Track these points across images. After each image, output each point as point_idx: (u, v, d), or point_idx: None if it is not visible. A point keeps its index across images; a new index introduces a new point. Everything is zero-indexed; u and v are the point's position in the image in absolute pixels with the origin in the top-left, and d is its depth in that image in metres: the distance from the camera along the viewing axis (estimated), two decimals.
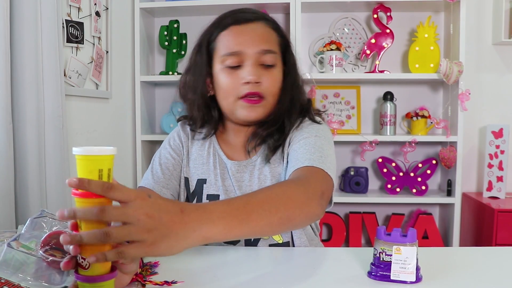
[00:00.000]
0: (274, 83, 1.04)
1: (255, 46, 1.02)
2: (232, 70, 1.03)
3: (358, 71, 2.40)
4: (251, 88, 1.01)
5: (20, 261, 0.76)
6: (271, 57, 1.03)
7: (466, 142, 2.25)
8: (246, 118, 1.05)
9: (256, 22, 1.05)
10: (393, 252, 0.75)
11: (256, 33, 1.04)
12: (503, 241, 1.94)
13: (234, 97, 1.04)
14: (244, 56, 1.02)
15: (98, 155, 0.65)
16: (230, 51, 1.03)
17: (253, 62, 1.02)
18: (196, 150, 1.13)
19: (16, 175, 1.40)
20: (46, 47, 1.48)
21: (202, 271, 0.83)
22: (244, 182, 1.07)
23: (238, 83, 1.02)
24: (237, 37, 1.03)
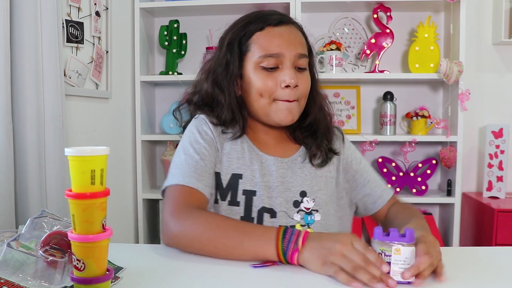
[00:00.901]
0: (308, 85, 1.09)
1: (294, 49, 1.04)
2: (269, 71, 1.04)
3: (358, 71, 2.40)
4: (290, 92, 1.04)
5: (19, 261, 0.76)
6: (305, 61, 1.07)
7: (466, 142, 2.25)
8: (281, 121, 1.06)
9: (290, 25, 1.08)
10: (392, 252, 0.75)
11: (293, 36, 1.06)
12: (503, 241, 1.94)
13: (270, 99, 1.05)
14: (283, 59, 1.03)
15: (90, 155, 0.65)
16: (269, 52, 1.03)
17: (291, 65, 1.04)
18: (229, 145, 1.09)
19: (16, 175, 1.40)
20: (46, 47, 1.48)
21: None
22: (286, 178, 1.08)
23: (276, 85, 1.04)
24: (276, 38, 1.04)
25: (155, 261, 0.90)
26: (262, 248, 0.83)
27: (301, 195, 1.07)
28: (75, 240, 0.66)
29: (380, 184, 1.17)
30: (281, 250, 0.81)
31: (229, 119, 1.08)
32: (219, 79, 1.08)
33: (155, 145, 2.53)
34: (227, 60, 1.07)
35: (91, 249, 0.66)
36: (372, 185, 1.16)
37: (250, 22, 1.06)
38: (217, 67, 1.09)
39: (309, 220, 1.06)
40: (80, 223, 0.66)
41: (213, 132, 1.09)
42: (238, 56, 1.06)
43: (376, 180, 1.17)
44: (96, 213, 0.66)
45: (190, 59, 2.44)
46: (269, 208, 1.05)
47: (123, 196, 2.31)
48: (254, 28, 1.05)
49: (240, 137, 1.10)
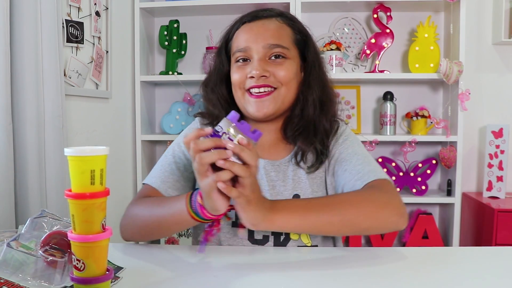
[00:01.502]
0: (286, 73, 1.03)
1: (262, 41, 1.02)
2: (241, 65, 1.05)
3: (358, 71, 2.40)
4: (256, 82, 1.01)
5: (19, 261, 0.76)
6: (281, 51, 1.03)
7: (466, 142, 2.25)
8: (255, 114, 1.04)
9: (269, 19, 1.06)
10: (236, 140, 0.75)
11: (265, 28, 1.04)
12: (503, 241, 1.94)
13: (242, 91, 1.05)
14: (252, 51, 1.03)
15: (90, 155, 0.65)
16: (238, 48, 1.05)
17: (260, 57, 1.02)
18: None
19: (16, 175, 1.40)
20: (46, 47, 1.48)
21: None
22: (277, 182, 1.06)
23: (244, 78, 1.03)
24: (247, 33, 1.05)
25: (155, 261, 0.90)
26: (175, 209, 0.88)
27: (293, 198, 1.04)
28: (75, 240, 0.66)
29: (359, 172, 0.99)
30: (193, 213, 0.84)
31: (218, 116, 1.09)
32: (212, 80, 1.11)
33: (155, 145, 2.53)
34: (216, 61, 1.11)
35: (91, 249, 0.66)
36: (347, 175, 1.00)
37: (236, 22, 1.09)
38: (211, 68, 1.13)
39: None
40: (80, 223, 0.66)
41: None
42: (225, 56, 1.10)
43: (354, 169, 1.00)
44: (96, 213, 0.66)
45: (190, 59, 2.44)
46: None
47: (123, 196, 2.31)
48: (235, 28, 1.08)
49: None
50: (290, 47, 1.04)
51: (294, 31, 1.07)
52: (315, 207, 0.86)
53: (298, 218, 0.84)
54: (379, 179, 0.97)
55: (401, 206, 0.92)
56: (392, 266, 0.86)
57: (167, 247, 0.97)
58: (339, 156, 1.05)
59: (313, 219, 0.85)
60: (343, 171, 1.03)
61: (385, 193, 0.93)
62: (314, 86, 1.06)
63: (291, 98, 1.06)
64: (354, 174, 0.99)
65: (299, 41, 1.07)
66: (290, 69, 1.04)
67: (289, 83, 1.04)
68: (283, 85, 1.03)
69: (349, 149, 1.06)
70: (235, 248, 1.01)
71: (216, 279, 0.79)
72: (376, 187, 0.95)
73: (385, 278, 0.80)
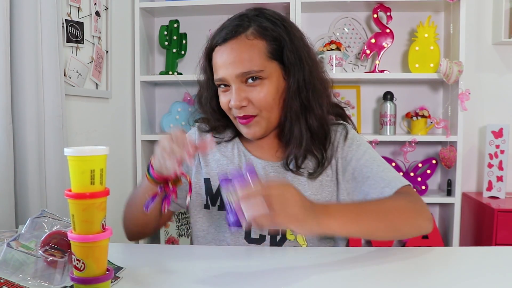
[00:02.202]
0: (264, 96, 1.01)
1: (235, 70, 1.00)
2: (224, 90, 1.04)
3: (358, 71, 2.40)
4: (238, 113, 1.02)
5: (19, 261, 0.76)
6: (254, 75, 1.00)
7: (466, 142, 2.25)
8: (247, 136, 1.06)
9: (239, 38, 1.01)
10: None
11: (235, 53, 1.00)
12: (503, 241, 1.94)
13: (231, 116, 1.06)
14: (228, 81, 1.02)
15: (89, 155, 0.65)
16: (217, 77, 1.04)
17: (237, 86, 1.01)
18: (219, 151, 1.13)
19: (16, 175, 1.40)
20: (46, 47, 1.48)
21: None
22: None
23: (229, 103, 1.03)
24: (219, 60, 1.02)
25: (155, 261, 0.90)
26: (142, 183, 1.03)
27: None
28: (74, 240, 0.66)
29: (383, 179, 1.01)
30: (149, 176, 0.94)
31: (217, 126, 1.12)
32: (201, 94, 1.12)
33: (155, 145, 2.52)
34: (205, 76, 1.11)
35: (91, 249, 0.66)
36: (371, 182, 1.02)
37: (213, 37, 1.06)
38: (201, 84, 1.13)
39: None
40: (80, 223, 0.66)
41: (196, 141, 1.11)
42: (210, 72, 1.08)
43: (378, 176, 1.02)
44: (95, 213, 0.66)
45: (190, 59, 2.44)
46: None
47: (123, 196, 2.31)
48: (211, 46, 1.05)
49: (232, 141, 1.13)
50: (264, 66, 1.00)
51: (268, 42, 1.02)
52: (366, 213, 0.87)
53: (351, 223, 0.84)
54: (404, 185, 1.01)
55: (429, 211, 0.98)
56: (392, 266, 0.86)
57: (167, 247, 0.97)
58: (357, 163, 1.05)
59: (365, 224, 0.87)
60: (366, 178, 1.03)
61: (416, 200, 0.98)
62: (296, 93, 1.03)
63: (277, 114, 1.04)
64: (379, 181, 1.01)
65: (276, 51, 1.02)
66: (267, 91, 1.01)
67: (269, 106, 1.02)
68: (263, 110, 1.02)
69: (366, 155, 1.06)
70: (234, 248, 1.01)
71: (215, 279, 0.79)
72: (406, 194, 0.99)
73: (385, 278, 0.80)
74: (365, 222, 0.86)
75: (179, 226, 2.37)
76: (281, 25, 1.05)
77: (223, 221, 1.07)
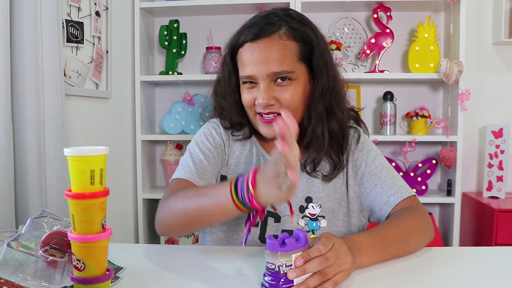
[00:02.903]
0: (292, 97, 1.02)
1: (266, 69, 1.00)
2: (249, 87, 1.04)
3: (358, 71, 2.40)
4: (263, 109, 1.02)
5: (20, 261, 0.76)
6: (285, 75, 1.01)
7: (466, 142, 2.25)
8: (266, 135, 1.06)
9: (271, 37, 1.01)
10: (292, 261, 0.69)
11: (268, 52, 1.00)
12: (503, 241, 1.94)
13: (252, 112, 1.05)
14: (257, 79, 1.02)
15: (89, 155, 0.65)
16: (244, 74, 1.03)
17: (266, 85, 1.01)
18: (238, 149, 1.13)
19: (16, 175, 1.40)
20: (46, 47, 1.48)
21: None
22: None
23: (253, 101, 1.03)
24: (250, 57, 1.01)
25: (155, 261, 0.90)
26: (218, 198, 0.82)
27: (306, 200, 1.07)
28: (74, 240, 0.66)
29: (391, 187, 1.04)
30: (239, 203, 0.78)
31: (236, 123, 1.11)
32: (222, 88, 1.11)
33: (155, 145, 2.52)
34: (223, 71, 1.10)
35: (91, 249, 0.66)
36: (379, 190, 1.05)
37: (240, 33, 1.05)
38: (220, 76, 1.13)
39: (314, 226, 1.06)
40: (80, 223, 0.66)
41: (222, 135, 1.13)
42: (233, 68, 1.08)
43: (386, 184, 1.05)
44: (95, 213, 0.66)
45: (190, 59, 2.44)
46: (273, 212, 1.05)
47: (123, 196, 2.31)
48: (239, 42, 1.04)
49: (249, 139, 1.13)
50: (295, 67, 1.02)
51: (299, 44, 1.02)
52: (388, 242, 0.89)
53: (378, 255, 0.87)
54: (410, 195, 1.05)
55: (431, 221, 1.03)
56: (392, 266, 0.86)
57: (167, 247, 0.97)
58: (366, 168, 1.07)
59: (388, 254, 0.89)
60: (374, 185, 1.06)
61: (423, 214, 1.02)
62: (321, 96, 1.05)
63: (300, 116, 1.05)
64: (386, 190, 1.04)
65: (306, 53, 1.03)
66: (295, 92, 1.02)
67: (295, 107, 1.03)
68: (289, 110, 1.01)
69: (376, 162, 1.08)
70: (235, 248, 1.01)
71: (216, 279, 0.79)
72: (412, 208, 1.02)
73: (385, 278, 0.80)
74: (389, 252, 0.89)
75: None
76: (310, 27, 1.06)
77: (239, 220, 1.06)
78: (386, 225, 0.96)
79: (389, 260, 0.89)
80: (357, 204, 1.09)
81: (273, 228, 1.06)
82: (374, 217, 1.09)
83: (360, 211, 1.10)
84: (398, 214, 1.00)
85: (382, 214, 1.05)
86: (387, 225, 0.95)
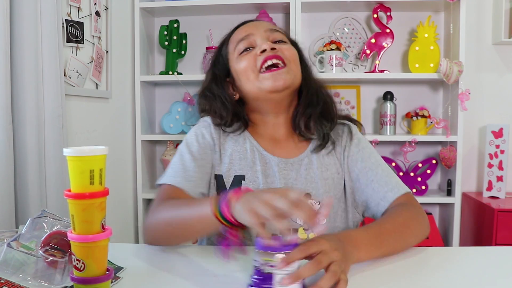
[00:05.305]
0: (292, 52, 1.08)
1: (262, 27, 1.09)
2: (246, 52, 1.08)
3: (358, 71, 2.40)
4: (268, 54, 1.04)
5: (20, 261, 0.76)
6: (281, 36, 1.10)
7: (466, 142, 2.25)
8: (273, 87, 1.04)
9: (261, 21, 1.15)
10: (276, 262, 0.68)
11: (259, 22, 1.13)
12: (503, 241, 1.94)
13: (255, 73, 1.06)
14: (254, 37, 1.07)
15: (89, 155, 0.65)
16: (239, 38, 1.09)
17: (264, 38, 1.07)
18: (230, 146, 1.10)
19: (16, 175, 1.40)
20: (46, 47, 1.48)
21: None
22: (290, 180, 1.07)
23: (254, 59, 1.06)
24: (244, 27, 1.11)
25: (155, 261, 0.90)
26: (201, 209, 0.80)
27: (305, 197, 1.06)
28: (74, 240, 0.66)
29: (387, 183, 1.05)
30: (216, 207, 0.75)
31: (229, 118, 1.11)
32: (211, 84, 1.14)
33: (155, 145, 2.53)
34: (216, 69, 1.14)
35: (90, 249, 0.66)
36: (376, 185, 1.05)
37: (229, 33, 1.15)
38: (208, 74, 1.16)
39: None
40: (80, 223, 0.66)
41: (212, 134, 1.12)
42: (222, 62, 1.13)
43: (382, 180, 1.06)
44: (95, 213, 0.66)
45: (190, 59, 2.44)
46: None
47: (123, 196, 2.31)
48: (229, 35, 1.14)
49: (242, 134, 1.12)
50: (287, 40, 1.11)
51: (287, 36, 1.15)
52: (384, 236, 0.90)
53: (375, 250, 0.86)
54: (406, 192, 1.06)
55: (427, 217, 1.03)
56: (392, 266, 0.86)
57: (167, 247, 0.97)
58: (362, 164, 1.09)
59: (386, 248, 0.89)
60: (370, 181, 1.06)
61: (419, 210, 1.03)
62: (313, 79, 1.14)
63: (300, 77, 1.10)
64: (383, 185, 1.05)
65: (292, 43, 1.14)
66: (292, 49, 1.09)
67: (296, 60, 1.09)
68: (292, 62, 1.07)
69: (371, 158, 1.10)
70: None
71: (216, 279, 0.79)
72: (409, 204, 1.03)
73: (385, 278, 0.80)
74: (386, 246, 0.89)
75: None
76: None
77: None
78: (382, 220, 0.97)
79: (387, 254, 0.89)
80: (351, 200, 1.10)
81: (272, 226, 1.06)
82: (369, 212, 1.09)
83: (355, 207, 1.11)
84: (393, 209, 1.01)
85: (379, 210, 1.05)
86: (383, 221, 0.97)
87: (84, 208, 0.65)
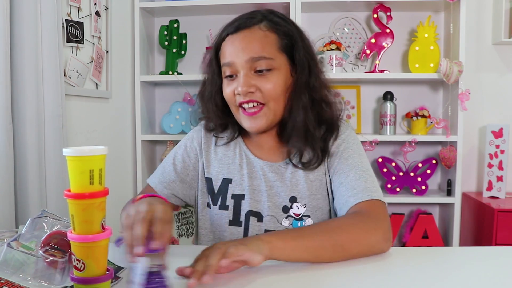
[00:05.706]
0: (273, 86, 1.01)
1: (245, 55, 1.00)
2: (230, 81, 1.04)
3: (358, 71, 2.40)
4: (243, 98, 1.01)
5: (20, 261, 0.76)
6: (265, 63, 1.00)
7: (466, 142, 2.25)
8: (249, 129, 1.05)
9: (252, 28, 1.03)
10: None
11: (247, 41, 1.01)
12: (503, 241, 1.94)
13: (235, 107, 1.05)
14: (236, 66, 1.02)
15: (88, 155, 0.65)
16: (224, 61, 1.04)
17: (245, 72, 1.01)
18: (221, 150, 1.13)
19: (16, 175, 1.40)
20: (46, 47, 1.48)
21: None
22: (275, 183, 1.07)
23: (233, 94, 1.03)
24: (230, 46, 1.03)
25: None
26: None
27: (290, 200, 1.06)
28: (74, 240, 0.66)
29: (354, 188, 0.99)
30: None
31: (219, 124, 1.12)
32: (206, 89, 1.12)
33: (155, 145, 2.52)
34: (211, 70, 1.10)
35: (90, 249, 0.66)
36: (343, 189, 1.01)
37: (223, 30, 1.07)
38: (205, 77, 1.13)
39: (298, 225, 1.05)
40: (80, 223, 0.66)
41: (202, 139, 1.14)
42: (216, 67, 1.08)
43: (350, 184, 1.00)
44: (95, 213, 0.66)
45: (190, 59, 2.44)
46: (256, 211, 1.07)
47: (123, 196, 2.31)
48: (222, 37, 1.06)
49: (234, 140, 1.13)
50: (275, 56, 1.02)
51: (280, 37, 1.03)
52: (307, 232, 0.88)
53: (291, 240, 0.83)
54: (372, 199, 0.97)
55: (388, 231, 0.93)
56: (392, 266, 0.86)
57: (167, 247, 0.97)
58: (337, 166, 1.05)
59: (306, 242, 0.84)
60: (339, 184, 1.03)
61: (374, 217, 0.93)
62: (304, 90, 1.04)
63: (282, 108, 1.04)
64: (349, 190, 1.00)
65: (287, 45, 1.04)
66: (276, 81, 1.01)
67: (277, 96, 1.02)
68: (271, 100, 1.02)
69: (349, 160, 1.04)
70: None
71: (215, 279, 0.79)
72: (366, 211, 0.95)
73: (385, 278, 0.80)
74: (307, 240, 0.84)
75: (179, 226, 2.37)
76: (292, 24, 1.08)
77: (223, 220, 1.09)
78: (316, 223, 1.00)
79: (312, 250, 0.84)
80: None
81: (256, 228, 1.07)
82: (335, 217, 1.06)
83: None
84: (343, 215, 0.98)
85: (340, 215, 1.01)
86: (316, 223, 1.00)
87: (84, 208, 0.65)
